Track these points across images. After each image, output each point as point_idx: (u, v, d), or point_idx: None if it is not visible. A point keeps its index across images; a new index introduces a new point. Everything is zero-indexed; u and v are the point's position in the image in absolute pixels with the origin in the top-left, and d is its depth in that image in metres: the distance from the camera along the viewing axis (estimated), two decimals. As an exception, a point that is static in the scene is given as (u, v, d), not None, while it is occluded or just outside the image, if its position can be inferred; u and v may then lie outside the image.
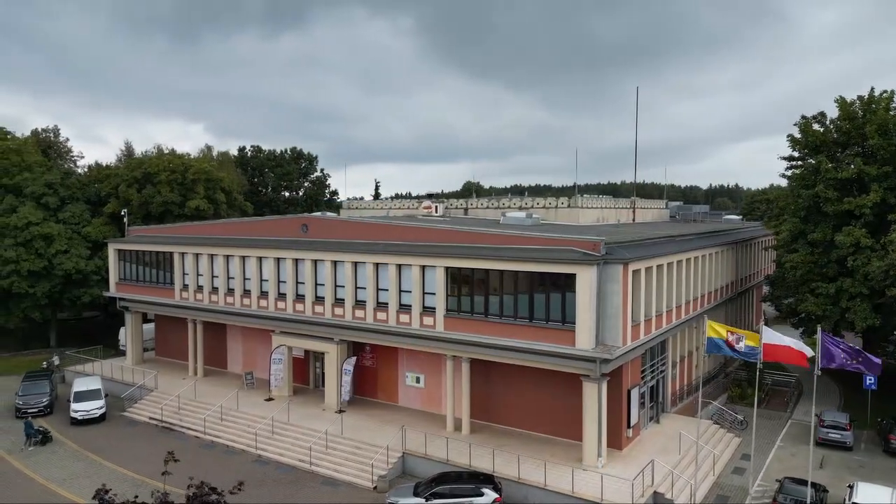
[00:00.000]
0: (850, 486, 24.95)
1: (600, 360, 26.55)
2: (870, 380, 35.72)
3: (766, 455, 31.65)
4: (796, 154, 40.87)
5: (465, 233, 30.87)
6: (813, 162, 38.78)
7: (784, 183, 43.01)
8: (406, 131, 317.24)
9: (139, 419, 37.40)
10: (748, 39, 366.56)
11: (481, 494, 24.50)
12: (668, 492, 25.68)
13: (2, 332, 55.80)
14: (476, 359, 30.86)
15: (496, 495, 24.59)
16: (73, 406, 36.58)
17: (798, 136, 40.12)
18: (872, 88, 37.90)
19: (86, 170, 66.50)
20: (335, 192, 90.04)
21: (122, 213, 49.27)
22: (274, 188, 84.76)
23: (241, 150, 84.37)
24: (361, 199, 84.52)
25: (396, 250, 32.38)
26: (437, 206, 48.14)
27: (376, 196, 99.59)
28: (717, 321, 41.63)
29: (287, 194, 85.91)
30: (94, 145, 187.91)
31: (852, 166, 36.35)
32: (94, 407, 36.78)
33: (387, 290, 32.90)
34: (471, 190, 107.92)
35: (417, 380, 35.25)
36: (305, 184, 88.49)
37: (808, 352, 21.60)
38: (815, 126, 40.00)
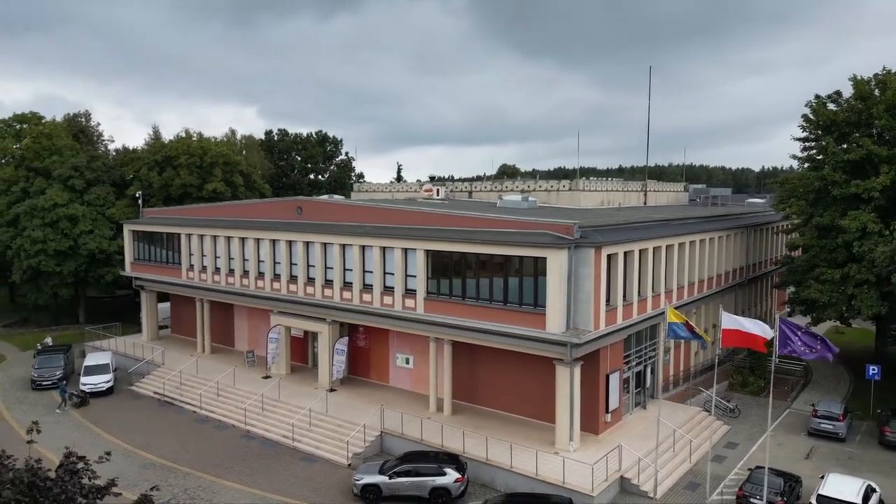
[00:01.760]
0: (822, 477, 24.31)
1: (571, 344, 26.40)
2: (873, 370, 34.59)
3: (753, 444, 30.99)
4: (810, 135, 39.32)
5: (444, 216, 30.89)
6: (823, 143, 37.25)
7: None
8: (457, 114, 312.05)
9: (144, 393, 39.04)
10: (814, 14, 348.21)
11: (444, 474, 24.80)
12: (636, 478, 25.50)
13: (35, 308, 58.88)
14: (458, 341, 31.08)
15: (458, 475, 24.85)
16: (82, 379, 38.49)
17: (812, 116, 38.54)
18: (884, 67, 36.06)
19: (114, 153, 68.98)
20: (361, 176, 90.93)
21: (137, 195, 51.05)
22: (300, 171, 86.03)
23: (268, 133, 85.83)
24: (397, 181, 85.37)
25: (380, 233, 32.68)
26: (438, 189, 48.24)
27: (398, 179, 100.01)
28: (726, 307, 40.99)
29: (312, 177, 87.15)
30: (151, 128, 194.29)
31: (862, 148, 34.69)
32: (101, 380, 38.60)
33: (372, 272, 33.33)
34: (506, 173, 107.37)
35: (407, 361, 35.69)
36: (331, 167, 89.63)
37: (768, 335, 20.96)
38: (831, 106, 38.36)
